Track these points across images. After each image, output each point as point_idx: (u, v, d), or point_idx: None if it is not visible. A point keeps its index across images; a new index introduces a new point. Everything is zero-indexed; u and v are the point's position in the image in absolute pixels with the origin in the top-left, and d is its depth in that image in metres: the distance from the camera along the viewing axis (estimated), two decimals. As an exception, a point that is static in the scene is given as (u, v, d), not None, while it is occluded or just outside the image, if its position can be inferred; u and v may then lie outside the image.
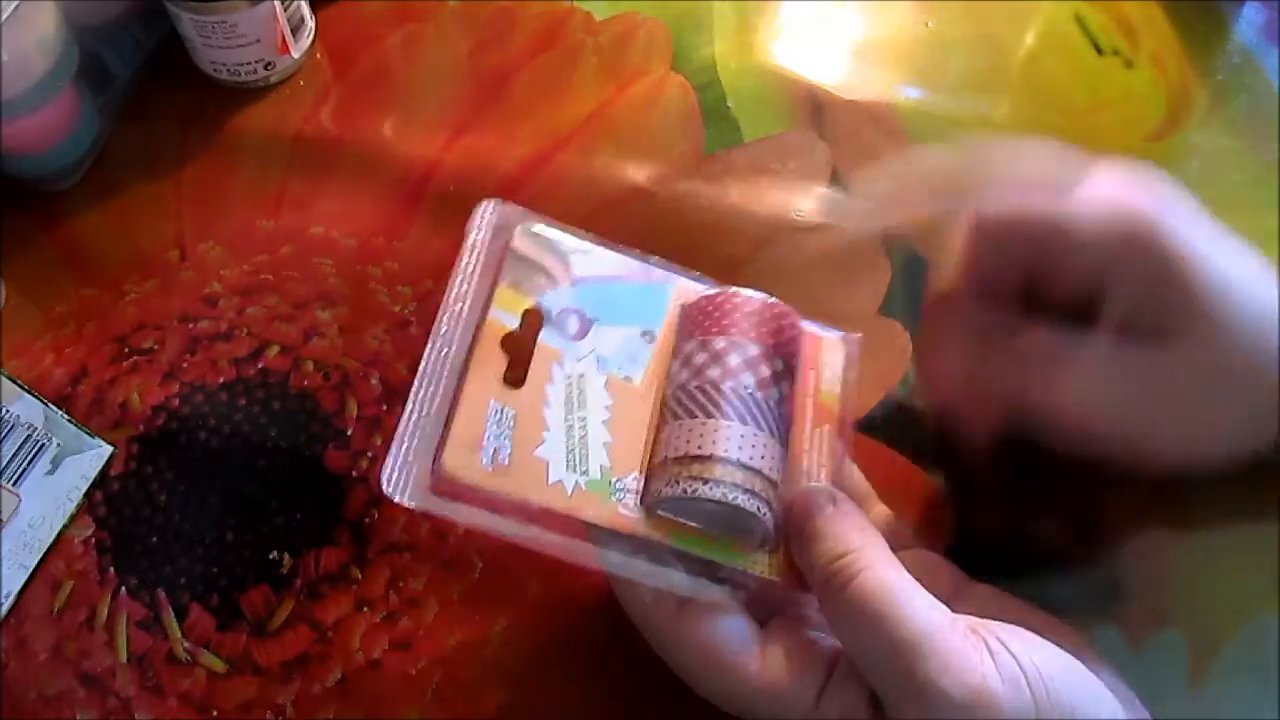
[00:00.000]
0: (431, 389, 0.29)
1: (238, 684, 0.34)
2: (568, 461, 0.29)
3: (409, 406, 0.29)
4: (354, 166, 0.44)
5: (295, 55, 0.46)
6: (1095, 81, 0.46)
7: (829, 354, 0.33)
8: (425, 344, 0.30)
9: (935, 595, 0.27)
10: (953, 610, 0.27)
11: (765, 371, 0.30)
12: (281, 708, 0.33)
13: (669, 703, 0.33)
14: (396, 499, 0.28)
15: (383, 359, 0.39)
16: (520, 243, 0.32)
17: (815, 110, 0.44)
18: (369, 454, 0.37)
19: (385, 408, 0.38)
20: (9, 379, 0.37)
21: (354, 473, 0.37)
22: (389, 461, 0.28)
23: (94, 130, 0.43)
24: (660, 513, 0.29)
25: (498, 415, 0.29)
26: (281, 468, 0.37)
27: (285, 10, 0.44)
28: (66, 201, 0.43)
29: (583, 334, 0.31)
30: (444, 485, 0.28)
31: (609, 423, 0.30)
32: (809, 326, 0.32)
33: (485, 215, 0.32)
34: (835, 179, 0.42)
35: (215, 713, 0.33)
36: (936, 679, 0.25)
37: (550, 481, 0.29)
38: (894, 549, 0.28)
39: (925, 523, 0.35)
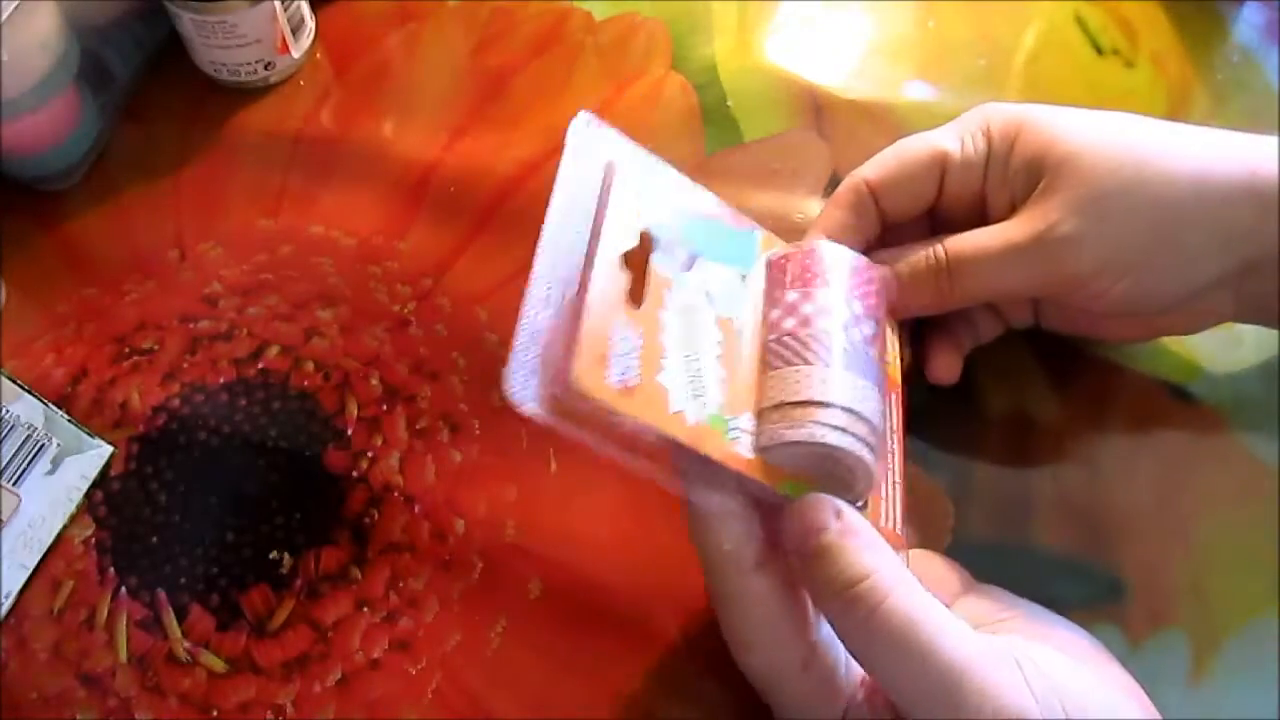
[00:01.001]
0: (545, 295, 0.27)
1: (238, 684, 0.34)
2: (689, 392, 0.27)
3: (527, 309, 0.27)
4: (354, 166, 0.44)
5: (295, 55, 0.46)
6: (1095, 81, 0.46)
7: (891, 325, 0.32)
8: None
9: (943, 598, 0.27)
10: (957, 611, 0.27)
11: (868, 330, 0.29)
12: (281, 708, 0.33)
13: (671, 703, 0.33)
14: (522, 409, 0.26)
15: (383, 359, 0.39)
16: (625, 158, 0.30)
17: (815, 110, 0.44)
18: (369, 454, 0.37)
19: (385, 408, 0.38)
20: (9, 379, 0.37)
21: (354, 473, 0.37)
22: (511, 367, 0.26)
23: (94, 130, 0.44)
24: (770, 460, 0.27)
25: (623, 333, 0.27)
26: (281, 468, 0.37)
27: (285, 10, 0.44)
28: (66, 201, 0.43)
29: (688, 266, 0.29)
30: (569, 399, 0.26)
31: (721, 359, 0.28)
32: None
33: (580, 126, 0.30)
34: (835, 179, 0.42)
35: (215, 713, 0.33)
36: (976, 714, 0.24)
37: (671, 410, 0.27)
38: (895, 549, 0.27)
39: (925, 523, 0.35)
